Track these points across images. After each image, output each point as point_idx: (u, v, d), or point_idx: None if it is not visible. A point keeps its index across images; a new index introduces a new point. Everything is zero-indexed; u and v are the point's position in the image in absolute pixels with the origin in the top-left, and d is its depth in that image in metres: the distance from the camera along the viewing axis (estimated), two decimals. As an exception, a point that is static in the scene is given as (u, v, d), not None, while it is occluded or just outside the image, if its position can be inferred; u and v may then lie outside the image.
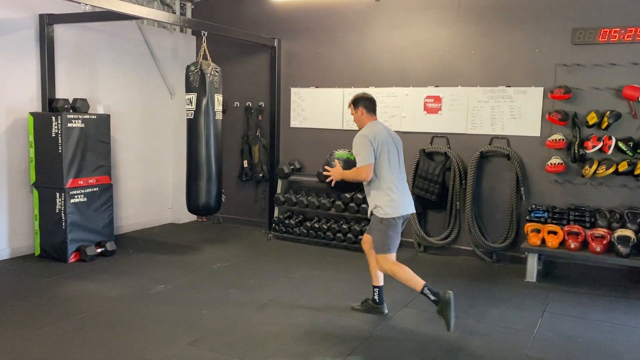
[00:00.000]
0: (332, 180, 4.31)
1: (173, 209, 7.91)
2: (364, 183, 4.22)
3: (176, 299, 4.78)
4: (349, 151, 4.36)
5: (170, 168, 7.85)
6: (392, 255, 4.21)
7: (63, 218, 5.71)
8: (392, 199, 4.11)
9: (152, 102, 7.49)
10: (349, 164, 4.31)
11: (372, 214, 4.26)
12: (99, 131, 6.02)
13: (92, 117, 5.96)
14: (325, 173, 4.35)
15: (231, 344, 3.89)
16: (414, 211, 4.36)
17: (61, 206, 5.70)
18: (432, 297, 4.00)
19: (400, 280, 4.14)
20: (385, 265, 4.19)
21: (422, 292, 4.03)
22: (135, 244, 6.65)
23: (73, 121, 5.73)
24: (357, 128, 4.39)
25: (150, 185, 7.58)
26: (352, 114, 4.37)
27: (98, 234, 6.03)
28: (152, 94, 7.49)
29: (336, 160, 4.34)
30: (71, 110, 5.91)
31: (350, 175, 4.22)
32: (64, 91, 6.19)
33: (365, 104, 4.27)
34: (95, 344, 3.87)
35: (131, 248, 6.42)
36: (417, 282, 4.06)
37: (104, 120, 6.12)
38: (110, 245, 6.04)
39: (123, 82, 7.02)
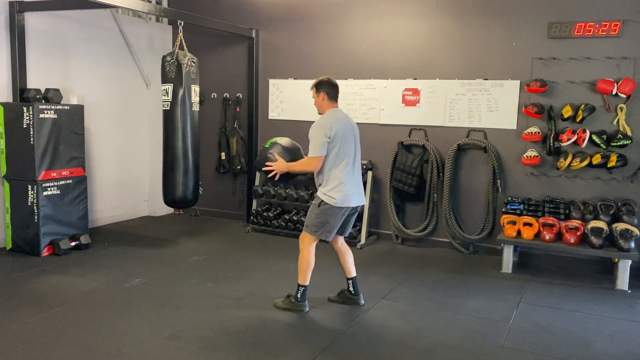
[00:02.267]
0: (276, 174, 4.22)
1: (149, 201, 7.81)
2: (314, 172, 4.15)
3: (152, 293, 4.72)
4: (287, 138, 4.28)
5: (147, 160, 7.74)
6: (315, 240, 4.19)
7: (35, 211, 5.59)
8: (341, 189, 4.06)
9: (128, 92, 7.36)
10: (289, 151, 4.24)
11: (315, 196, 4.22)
12: (72, 122, 5.89)
13: (65, 107, 5.83)
14: (267, 169, 4.23)
15: (208, 339, 3.86)
16: (363, 203, 4.29)
17: (33, 199, 5.58)
18: (298, 296, 4.23)
19: (299, 265, 4.22)
20: (303, 242, 4.18)
21: (298, 286, 4.23)
22: (110, 237, 6.54)
23: (45, 112, 5.60)
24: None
25: (125, 177, 7.46)
26: (313, 97, 4.26)
27: (72, 227, 5.92)
28: (128, 84, 7.36)
29: (275, 154, 4.23)
30: (43, 101, 5.77)
31: (297, 167, 4.18)
32: (35, 81, 6.04)
33: (327, 90, 4.18)
34: (69, 339, 3.79)
35: (106, 241, 6.32)
36: (305, 280, 4.21)
37: (78, 111, 5.99)
38: (84, 239, 5.94)
39: (97, 72, 6.88)
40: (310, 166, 4.07)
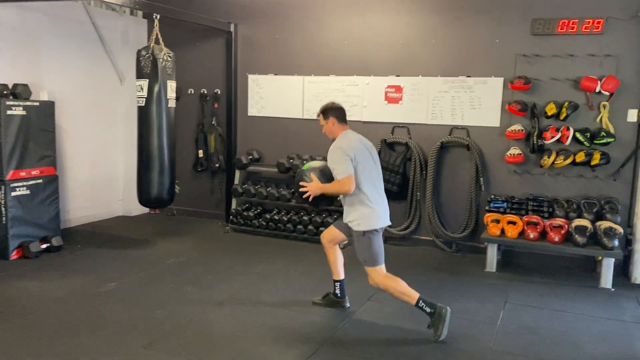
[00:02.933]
0: (309, 195, 4.02)
1: (124, 200, 7.58)
2: (349, 194, 3.95)
3: (128, 298, 4.53)
4: (319, 159, 4.12)
5: (121, 158, 7.50)
6: (383, 267, 3.99)
7: (3, 212, 5.34)
8: (372, 210, 3.92)
9: (101, 88, 7.12)
10: (325, 174, 4.04)
11: (348, 225, 4.03)
12: (42, 119, 5.67)
13: (35, 104, 5.60)
14: (302, 189, 4.05)
15: (188, 346, 3.70)
16: (390, 223, 4.15)
17: (1, 200, 5.33)
18: (428, 310, 3.85)
19: (393, 294, 3.93)
20: (377, 279, 3.96)
21: (417, 305, 3.85)
22: (83, 238, 6.31)
23: (13, 108, 5.37)
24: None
25: (99, 176, 7.23)
26: (322, 124, 4.14)
27: (43, 229, 5.69)
28: (101, 79, 7.11)
29: (312, 174, 4.04)
30: (11, 97, 5.53)
31: (331, 188, 3.96)
32: (3, 76, 5.78)
33: (335, 114, 4.07)
34: (40, 349, 3.60)
35: (79, 243, 6.09)
36: (412, 295, 3.87)
37: (48, 108, 5.76)
38: (56, 241, 5.71)
39: (69, 67, 6.64)
40: (345, 187, 3.85)
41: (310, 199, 4.04)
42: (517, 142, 5.82)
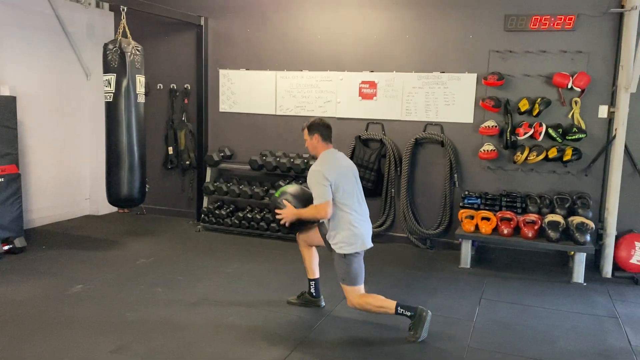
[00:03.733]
0: (285, 222, 3.98)
1: (91, 199, 7.35)
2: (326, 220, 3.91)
3: (96, 301, 4.37)
4: (294, 183, 4.02)
5: (88, 155, 7.27)
6: (361, 288, 3.94)
7: (-38, 213, 5.10)
8: (354, 233, 3.85)
9: (66, 83, 6.88)
10: (299, 198, 3.99)
11: (329, 245, 3.97)
12: (3, 115, 5.45)
13: (-5, 99, 5.35)
14: (277, 217, 4.02)
15: (160, 350, 3.58)
16: (372, 245, 4.05)
17: (-41, 200, 5.09)
18: (408, 314, 3.81)
19: (371, 310, 3.88)
20: (354, 300, 3.90)
21: (396, 313, 3.81)
22: (48, 239, 6.09)
23: (-29, 104, 5.12)
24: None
25: (65, 174, 6.99)
26: (305, 139, 4.04)
27: (5, 230, 5.46)
28: (66, 74, 6.87)
29: (284, 201, 3.99)
30: (-31, 92, 5.28)
31: (306, 214, 3.89)
32: (-40, 70, 5.52)
33: (321, 132, 3.97)
34: (2, 355, 3.42)
35: (44, 244, 5.87)
36: (389, 306, 3.83)
37: (9, 103, 5.53)
38: (19, 242, 5.51)
39: (32, 61, 6.39)
40: (320, 213, 3.79)
41: (287, 224, 3.98)
42: (491, 138, 5.83)
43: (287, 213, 3.95)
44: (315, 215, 3.86)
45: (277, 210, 4.02)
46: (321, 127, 4.00)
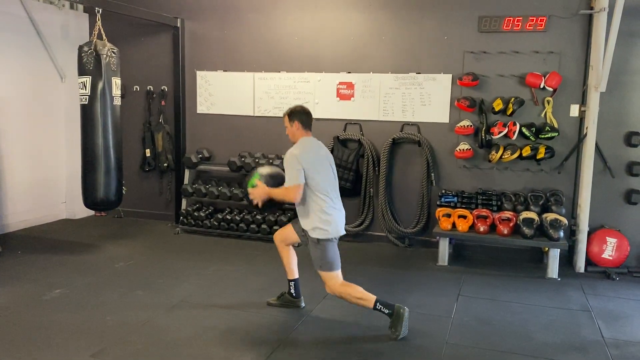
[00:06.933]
0: (256, 202, 4.02)
1: (67, 203, 7.25)
2: (295, 203, 3.94)
3: (75, 305, 4.32)
4: (271, 157, 4.06)
5: (63, 158, 7.17)
6: (339, 273, 3.97)
7: None
8: (327, 219, 3.89)
9: (40, 85, 6.78)
10: (274, 177, 4.05)
11: (304, 231, 4.01)
12: (-25, 119, 5.32)
13: (-33, 102, 5.25)
14: (250, 196, 4.06)
15: (140, 353, 3.57)
16: (344, 232, 4.12)
17: None
18: (386, 311, 3.85)
19: (350, 300, 3.91)
20: (333, 286, 3.93)
21: (374, 308, 3.84)
22: (24, 244, 6.00)
23: (-57, 107, 5.01)
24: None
25: (40, 178, 6.88)
26: (286, 126, 4.08)
27: (-21, 235, 5.36)
28: (40, 76, 6.77)
29: (258, 181, 4.03)
30: (-60, 95, 5.17)
31: (276, 194, 3.95)
32: None
33: (301, 119, 4.00)
34: (-22, 364, 3.38)
35: (19, 249, 5.78)
36: (368, 299, 3.86)
37: (-18, 106, 5.41)
38: (-6, 247, 5.40)
39: (4, 64, 6.29)
40: (289, 195, 3.84)
41: (259, 204, 4.03)
42: (466, 137, 5.93)
43: (258, 191, 4.00)
44: (284, 196, 3.92)
45: (249, 189, 4.06)
46: (302, 115, 4.04)
